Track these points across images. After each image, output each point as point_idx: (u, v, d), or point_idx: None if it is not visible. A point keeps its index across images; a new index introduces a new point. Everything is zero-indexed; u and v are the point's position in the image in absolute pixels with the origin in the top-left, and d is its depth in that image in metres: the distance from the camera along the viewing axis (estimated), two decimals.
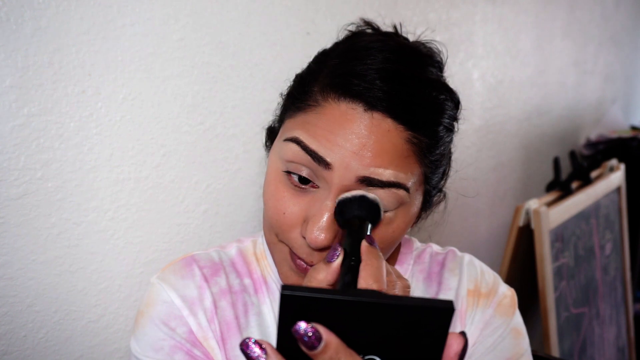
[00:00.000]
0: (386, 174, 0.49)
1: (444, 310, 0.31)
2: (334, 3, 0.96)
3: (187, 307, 0.58)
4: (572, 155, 1.94)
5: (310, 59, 0.60)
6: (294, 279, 0.55)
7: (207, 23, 0.78)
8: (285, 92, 0.60)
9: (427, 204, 0.59)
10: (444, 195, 0.64)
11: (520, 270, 1.62)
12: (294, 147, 0.51)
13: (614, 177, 1.99)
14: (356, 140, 0.49)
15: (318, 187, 0.51)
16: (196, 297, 0.59)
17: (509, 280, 1.58)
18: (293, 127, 0.53)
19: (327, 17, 0.95)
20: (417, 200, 0.55)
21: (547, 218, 1.49)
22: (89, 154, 0.69)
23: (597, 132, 2.40)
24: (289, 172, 0.52)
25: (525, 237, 1.54)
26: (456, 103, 0.57)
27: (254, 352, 0.33)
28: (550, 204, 1.58)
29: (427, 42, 0.59)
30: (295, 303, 0.31)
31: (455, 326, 0.63)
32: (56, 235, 0.68)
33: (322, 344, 0.31)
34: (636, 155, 2.21)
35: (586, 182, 1.84)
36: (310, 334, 0.31)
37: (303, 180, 0.52)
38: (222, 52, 0.80)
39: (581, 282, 1.71)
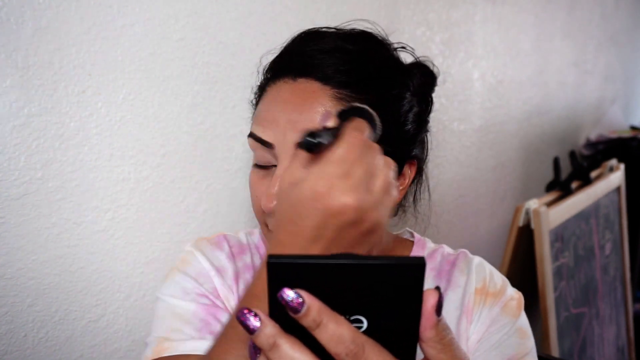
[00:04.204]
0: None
1: (416, 266, 0.33)
2: (334, 3, 0.96)
3: (215, 270, 0.65)
4: (572, 155, 1.94)
5: None
6: None
7: (207, 23, 0.78)
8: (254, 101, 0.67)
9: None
10: (420, 169, 0.65)
11: (520, 270, 1.62)
12: (250, 140, 0.59)
13: (614, 177, 1.99)
14: (288, 108, 0.55)
15: (276, 166, 0.57)
16: (223, 266, 0.66)
17: (510, 281, 1.58)
18: (252, 124, 0.60)
19: (327, 17, 0.95)
20: None
21: (547, 218, 1.49)
22: (89, 154, 0.69)
23: (597, 132, 2.40)
24: (256, 164, 0.59)
25: (525, 237, 1.54)
26: (403, 71, 0.60)
27: (249, 320, 0.35)
28: (550, 204, 1.59)
29: (370, 28, 0.64)
30: (280, 270, 0.33)
31: (462, 321, 0.65)
32: (56, 235, 0.68)
33: (305, 308, 0.33)
34: (636, 155, 2.21)
35: (586, 182, 1.84)
36: (293, 298, 0.33)
37: (262, 166, 0.58)
38: (222, 52, 0.80)
39: (581, 282, 1.71)
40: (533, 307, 1.78)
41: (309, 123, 0.53)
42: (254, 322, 0.34)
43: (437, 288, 0.36)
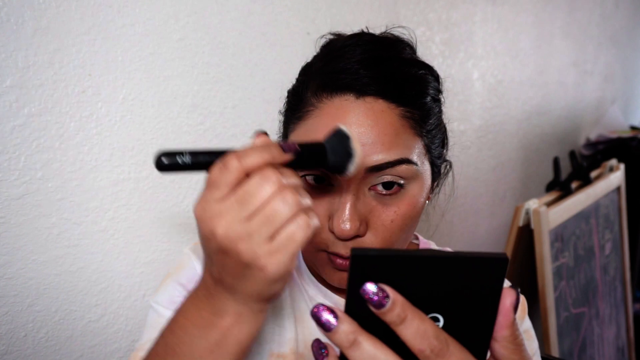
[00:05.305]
0: (391, 155, 0.52)
1: (498, 260, 0.33)
2: (334, 3, 0.96)
3: None
4: (572, 155, 1.94)
5: (310, 59, 0.61)
6: (337, 276, 0.56)
7: (207, 23, 0.78)
8: (282, 109, 0.63)
9: (436, 174, 0.62)
10: (450, 165, 0.67)
11: (520, 270, 1.63)
12: None
13: (614, 177, 1.99)
14: (356, 130, 0.52)
15: (333, 185, 0.54)
16: None
17: (509, 281, 1.58)
18: (297, 139, 0.55)
19: (327, 17, 0.95)
20: (427, 171, 0.58)
21: (547, 218, 1.49)
22: (89, 154, 0.69)
23: (596, 132, 2.40)
24: (304, 176, 0.54)
25: (525, 237, 1.54)
26: (436, 77, 0.61)
27: (324, 316, 0.33)
28: (550, 204, 1.59)
29: (392, 29, 0.63)
30: (363, 264, 0.33)
31: None
32: (56, 235, 0.68)
33: (390, 302, 0.32)
34: (636, 155, 2.21)
35: (586, 182, 1.84)
36: (377, 293, 0.32)
37: (319, 180, 0.54)
38: (222, 52, 0.80)
39: (581, 282, 1.71)
40: (533, 307, 1.78)
41: (379, 144, 0.51)
42: (330, 318, 0.33)
43: (514, 286, 0.35)
